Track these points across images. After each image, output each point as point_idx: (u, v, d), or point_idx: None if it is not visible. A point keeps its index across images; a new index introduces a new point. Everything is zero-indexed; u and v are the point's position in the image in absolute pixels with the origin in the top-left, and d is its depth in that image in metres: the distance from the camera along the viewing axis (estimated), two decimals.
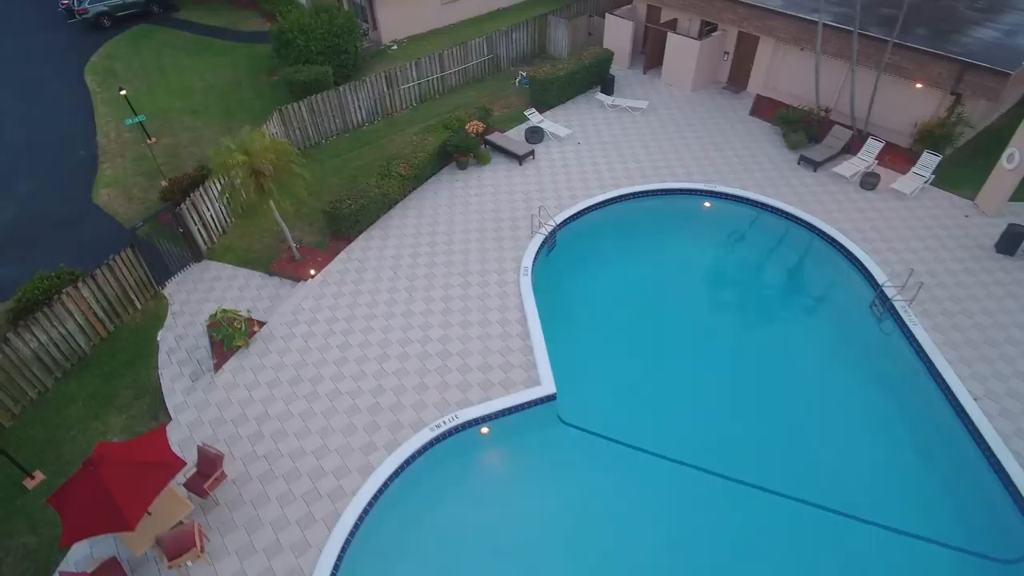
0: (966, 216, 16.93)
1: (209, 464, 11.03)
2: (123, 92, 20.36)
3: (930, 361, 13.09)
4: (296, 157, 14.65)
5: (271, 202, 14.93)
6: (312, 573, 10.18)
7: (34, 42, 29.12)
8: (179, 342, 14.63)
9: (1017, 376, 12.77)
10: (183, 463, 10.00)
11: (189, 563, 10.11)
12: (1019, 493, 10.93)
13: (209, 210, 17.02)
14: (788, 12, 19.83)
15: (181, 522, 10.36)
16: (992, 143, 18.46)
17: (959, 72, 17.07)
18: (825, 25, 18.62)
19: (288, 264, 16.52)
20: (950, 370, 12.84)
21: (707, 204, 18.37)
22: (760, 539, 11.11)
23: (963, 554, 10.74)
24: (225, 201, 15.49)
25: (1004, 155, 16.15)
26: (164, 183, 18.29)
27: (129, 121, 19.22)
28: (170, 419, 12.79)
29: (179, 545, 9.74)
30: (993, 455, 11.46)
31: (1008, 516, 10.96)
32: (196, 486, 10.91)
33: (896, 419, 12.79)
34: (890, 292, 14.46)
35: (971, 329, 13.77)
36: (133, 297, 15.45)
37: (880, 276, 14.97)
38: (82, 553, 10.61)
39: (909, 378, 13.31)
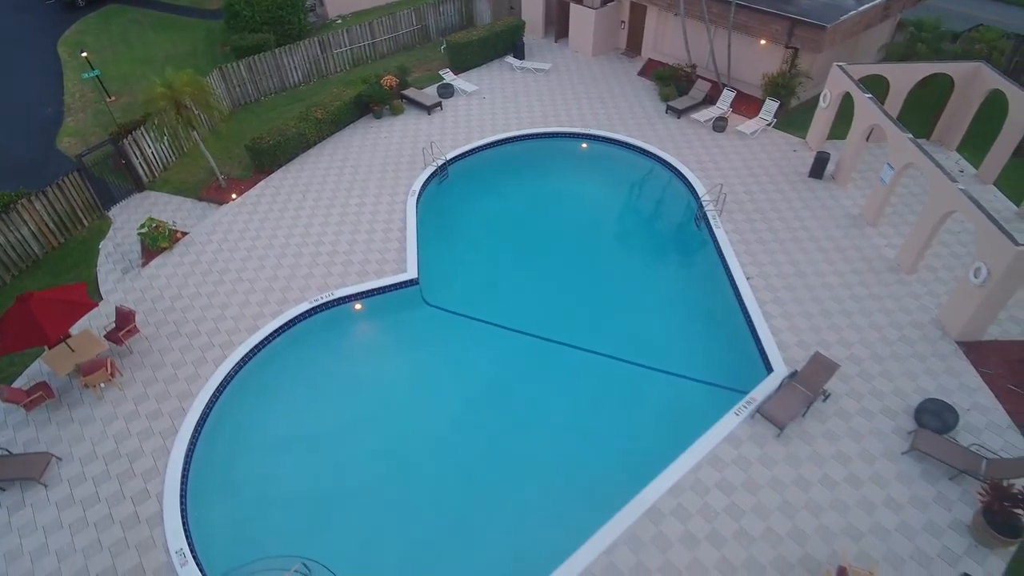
0: (794, 151, 19.86)
1: (123, 319, 14.00)
2: (84, 54, 23.39)
3: (723, 253, 16.02)
4: (213, 92, 17.56)
5: (195, 134, 17.85)
6: (199, 393, 13.15)
7: (13, 21, 32.14)
8: (116, 248, 17.58)
9: (789, 262, 15.70)
10: (95, 304, 12.95)
11: (102, 384, 13.07)
12: (762, 344, 13.84)
13: (150, 148, 19.96)
14: None
15: (98, 356, 13.29)
16: None
17: (790, 28, 20.00)
18: None
19: (215, 191, 19.47)
20: (735, 258, 15.79)
21: (584, 145, 21.31)
22: (582, 387, 13.89)
23: (721, 389, 13.60)
24: (154, 125, 18.37)
25: (821, 96, 19.08)
26: (115, 129, 21.21)
27: (86, 75, 22.16)
28: (101, 299, 15.73)
29: (93, 366, 12.70)
30: (750, 318, 14.38)
31: (755, 361, 13.86)
32: (113, 336, 13.88)
33: (694, 298, 15.77)
34: (707, 205, 17.39)
35: (765, 231, 16.71)
36: (81, 216, 18.36)
37: (703, 194, 17.91)
38: (20, 383, 13.56)
39: (709, 267, 16.28)
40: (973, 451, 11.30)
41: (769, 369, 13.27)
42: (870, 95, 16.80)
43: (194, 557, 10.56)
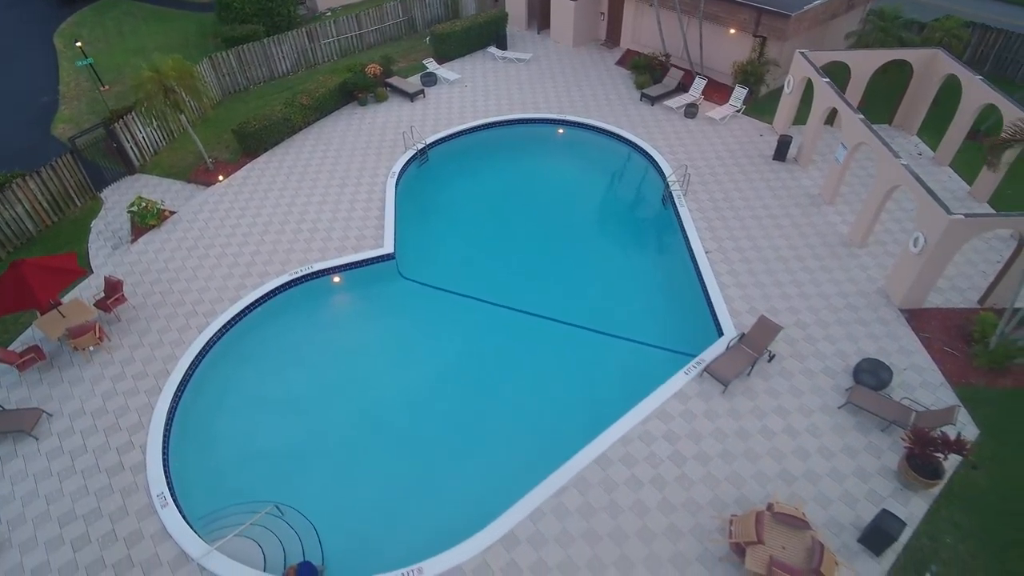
0: (761, 135, 20.64)
1: (112, 288, 14.78)
2: (78, 44, 24.17)
3: (685, 229, 16.80)
4: (199, 75, 18.31)
5: (183, 117, 18.62)
6: (182, 358, 13.93)
7: (10, 16, 32.94)
8: (107, 226, 18.35)
9: (747, 237, 16.48)
10: (84, 271, 13.71)
11: (91, 348, 13.85)
12: (715, 311, 14.61)
13: (141, 132, 20.74)
14: None
15: (87, 321, 14.07)
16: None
17: (757, 17, 20.78)
18: None
19: (203, 173, 20.24)
20: (695, 233, 16.58)
21: (560, 131, 22.09)
22: (547, 353, 14.63)
23: (676, 353, 14.35)
24: (142, 110, 19.15)
25: (785, 82, 19.86)
26: (108, 115, 21.98)
27: (79, 63, 22.94)
28: (92, 272, 16.49)
29: (82, 330, 13.49)
30: (706, 288, 15.16)
31: (709, 327, 14.62)
32: (103, 304, 14.65)
33: (656, 271, 16.61)
34: (672, 185, 18.16)
35: (726, 209, 17.49)
36: (74, 196, 19.13)
37: (670, 174, 18.69)
38: (14, 347, 14.34)
39: (671, 243, 17.09)
40: (904, 405, 12.08)
41: (721, 334, 14.03)
42: (827, 79, 17.56)
43: (174, 500, 11.34)
